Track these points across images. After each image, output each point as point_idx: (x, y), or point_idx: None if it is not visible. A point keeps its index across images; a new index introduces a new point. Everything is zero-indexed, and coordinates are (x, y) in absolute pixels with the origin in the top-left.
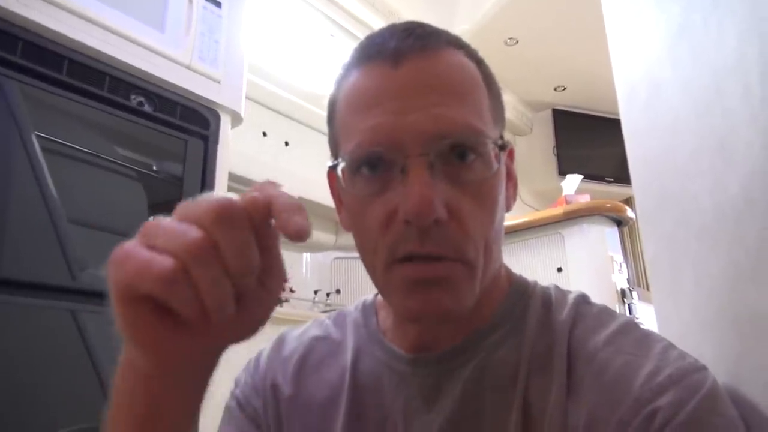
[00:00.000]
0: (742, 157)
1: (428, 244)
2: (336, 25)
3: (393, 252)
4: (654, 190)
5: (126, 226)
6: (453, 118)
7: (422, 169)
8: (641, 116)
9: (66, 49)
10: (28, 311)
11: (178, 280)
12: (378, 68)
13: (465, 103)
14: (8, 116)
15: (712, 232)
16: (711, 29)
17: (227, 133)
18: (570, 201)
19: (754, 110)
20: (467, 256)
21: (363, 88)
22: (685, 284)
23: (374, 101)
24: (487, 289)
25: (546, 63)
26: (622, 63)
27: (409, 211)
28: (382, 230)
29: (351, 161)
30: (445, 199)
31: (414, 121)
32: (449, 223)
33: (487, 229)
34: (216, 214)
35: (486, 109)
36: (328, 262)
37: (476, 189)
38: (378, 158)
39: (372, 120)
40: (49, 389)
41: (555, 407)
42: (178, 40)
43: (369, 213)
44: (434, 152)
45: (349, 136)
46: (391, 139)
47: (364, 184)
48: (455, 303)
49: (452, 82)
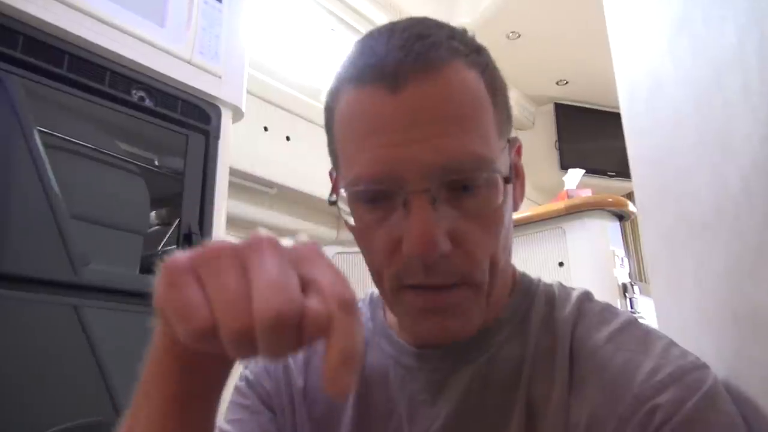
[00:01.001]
0: (742, 151)
1: (434, 276)
2: (337, 19)
3: (399, 279)
4: (654, 185)
5: (128, 221)
6: (456, 149)
7: (424, 205)
8: (642, 111)
9: (67, 44)
10: (30, 306)
11: (208, 337)
12: (376, 92)
13: (469, 129)
14: (10, 111)
15: (711, 226)
16: (711, 24)
17: (228, 128)
18: (572, 195)
19: (753, 104)
20: (474, 279)
21: (359, 114)
22: (685, 279)
23: (372, 129)
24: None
25: (548, 57)
26: (623, 58)
27: (411, 251)
28: (386, 259)
29: (351, 194)
30: (449, 229)
31: (415, 153)
32: (455, 253)
33: (494, 249)
34: (275, 318)
35: (492, 128)
36: (330, 256)
37: (480, 214)
38: (378, 192)
39: (370, 152)
40: (51, 384)
41: (557, 404)
42: (179, 35)
43: (373, 239)
44: (436, 185)
45: (347, 162)
46: (392, 172)
47: (366, 212)
48: (464, 327)
49: (455, 106)
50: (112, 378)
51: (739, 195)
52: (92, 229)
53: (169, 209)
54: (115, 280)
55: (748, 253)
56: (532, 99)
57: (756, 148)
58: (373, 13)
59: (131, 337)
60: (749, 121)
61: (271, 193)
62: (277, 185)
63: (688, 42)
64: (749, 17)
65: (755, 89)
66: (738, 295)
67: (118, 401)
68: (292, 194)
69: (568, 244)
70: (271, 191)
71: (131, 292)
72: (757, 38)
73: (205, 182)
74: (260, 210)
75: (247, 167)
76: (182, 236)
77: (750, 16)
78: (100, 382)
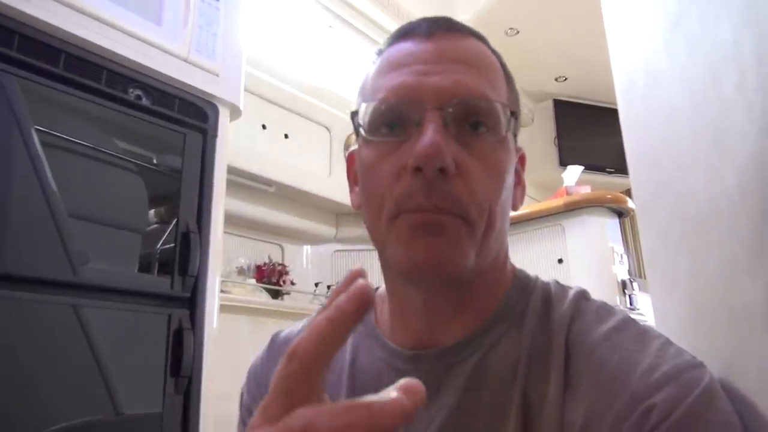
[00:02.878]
0: (737, 147)
1: (433, 196)
2: (335, 16)
3: (399, 203)
4: (650, 182)
5: (126, 219)
6: (472, 87)
7: (437, 120)
8: (638, 107)
9: (63, 42)
10: (29, 306)
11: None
12: (410, 40)
13: (485, 77)
14: (8, 110)
15: (707, 223)
16: (707, 19)
17: (226, 126)
18: (571, 192)
19: (749, 100)
20: (469, 215)
21: (395, 55)
22: (681, 277)
23: (403, 64)
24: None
25: (547, 53)
26: (619, 53)
27: (418, 155)
28: (391, 183)
29: (373, 114)
30: (454, 155)
31: (435, 81)
32: (455, 179)
33: (492, 195)
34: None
35: (503, 91)
36: (328, 254)
37: (484, 157)
38: (398, 115)
39: (398, 79)
40: (51, 384)
41: (553, 402)
42: (176, 33)
43: (381, 167)
44: (449, 111)
45: (374, 92)
46: (412, 94)
47: (381, 140)
48: (453, 256)
49: (475, 59)
50: (111, 376)
51: (735, 192)
52: (90, 228)
53: (167, 207)
54: (113, 278)
55: (744, 250)
56: (531, 95)
57: (751, 144)
58: (371, 10)
59: (130, 335)
60: (745, 117)
61: (269, 191)
62: (275, 183)
63: (684, 38)
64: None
65: (751, 85)
66: (733, 293)
67: (117, 400)
68: (290, 192)
69: (567, 241)
70: (269, 189)
71: (130, 290)
72: (753, 35)
73: (203, 180)
74: (259, 208)
75: (246, 165)
76: (180, 235)
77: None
78: (99, 381)
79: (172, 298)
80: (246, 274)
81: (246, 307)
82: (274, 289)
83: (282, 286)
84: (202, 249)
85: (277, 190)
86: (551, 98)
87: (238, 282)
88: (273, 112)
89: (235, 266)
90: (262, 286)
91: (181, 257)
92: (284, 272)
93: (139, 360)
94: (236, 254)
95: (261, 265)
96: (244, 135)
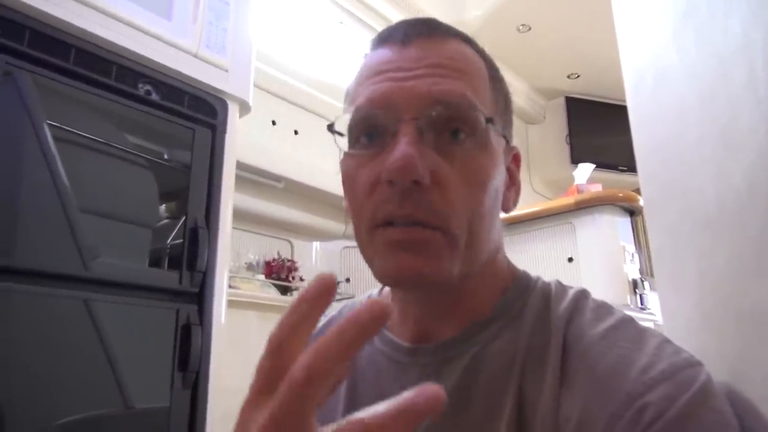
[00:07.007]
0: (746, 145)
1: (407, 206)
2: (346, 12)
3: (375, 215)
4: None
5: (137, 214)
6: (449, 89)
7: (410, 131)
8: (648, 103)
9: (73, 37)
10: (40, 300)
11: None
12: (388, 46)
13: (464, 80)
14: (20, 105)
15: (715, 222)
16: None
17: (235, 121)
18: (582, 190)
19: (758, 96)
20: (449, 227)
21: (372, 62)
22: (689, 277)
23: (379, 70)
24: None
25: (559, 50)
26: (629, 49)
27: (390, 168)
28: (367, 194)
29: (350, 124)
30: (430, 165)
31: (411, 86)
32: (431, 189)
33: (473, 203)
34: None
35: (487, 95)
36: (337, 251)
37: (465, 165)
38: (374, 124)
39: (373, 85)
40: (62, 377)
41: (548, 399)
42: (186, 29)
43: (359, 178)
44: (426, 118)
45: (353, 103)
46: (388, 101)
47: (358, 152)
48: (431, 269)
49: (455, 63)
50: (120, 371)
51: (743, 190)
52: (102, 223)
53: (178, 202)
54: (123, 273)
55: (752, 250)
56: (542, 93)
57: (760, 142)
58: (382, 5)
59: (139, 330)
60: (755, 114)
61: (278, 187)
62: (284, 179)
63: (693, 33)
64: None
65: (761, 80)
66: (741, 294)
67: (126, 394)
68: (299, 188)
69: (577, 239)
70: (278, 185)
71: (139, 285)
72: (763, 30)
73: (212, 176)
74: (268, 204)
75: (255, 161)
76: (188, 230)
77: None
78: (109, 375)
79: (181, 293)
80: (255, 269)
81: (254, 302)
82: (282, 285)
83: (291, 282)
84: (211, 245)
85: (287, 186)
86: (563, 95)
87: (247, 278)
88: (283, 108)
89: (244, 262)
90: (270, 281)
91: (189, 253)
92: (293, 268)
93: (148, 354)
94: (245, 250)
95: (270, 261)
96: (254, 131)
